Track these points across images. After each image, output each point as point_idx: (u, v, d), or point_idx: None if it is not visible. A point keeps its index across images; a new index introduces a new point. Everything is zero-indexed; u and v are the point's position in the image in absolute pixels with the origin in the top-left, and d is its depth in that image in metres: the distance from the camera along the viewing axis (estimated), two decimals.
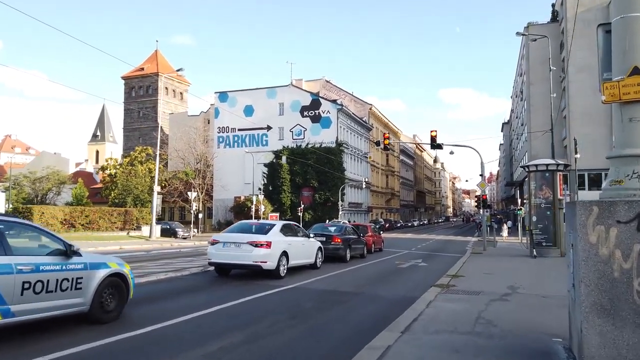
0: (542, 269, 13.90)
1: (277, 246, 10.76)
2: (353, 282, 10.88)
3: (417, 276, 12.53)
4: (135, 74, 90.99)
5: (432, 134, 24.35)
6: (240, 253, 10.47)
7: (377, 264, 15.98)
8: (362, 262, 16.30)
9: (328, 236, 16.19)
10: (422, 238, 40.96)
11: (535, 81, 49.22)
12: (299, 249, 12.06)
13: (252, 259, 10.37)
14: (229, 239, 10.83)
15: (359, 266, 14.91)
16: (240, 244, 10.56)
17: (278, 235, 11.15)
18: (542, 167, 19.75)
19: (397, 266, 15.15)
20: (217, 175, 59.90)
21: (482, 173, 24.46)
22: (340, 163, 55.54)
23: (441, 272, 12.89)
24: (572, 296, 4.50)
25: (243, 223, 12.91)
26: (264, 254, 10.39)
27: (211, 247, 10.92)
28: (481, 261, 16.73)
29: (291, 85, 59.22)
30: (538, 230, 19.54)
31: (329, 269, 13.41)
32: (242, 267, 10.90)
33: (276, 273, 10.71)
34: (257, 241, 10.47)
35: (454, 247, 29.21)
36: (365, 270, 13.74)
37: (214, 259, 10.77)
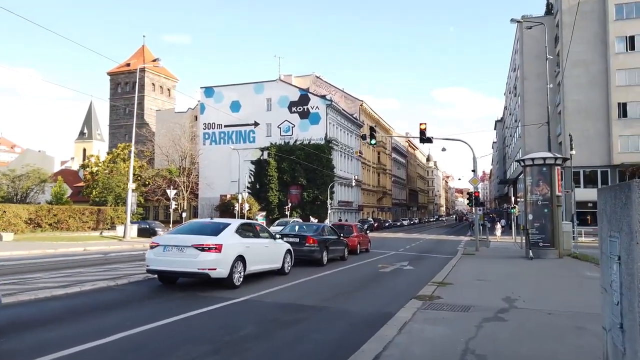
0: (541, 273, 12.30)
1: (230, 250, 9.06)
2: (321, 292, 9.19)
3: (399, 283, 10.86)
4: (121, 70, 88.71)
5: (421, 127, 22.75)
6: (184, 259, 8.71)
7: (357, 268, 14.32)
8: (341, 266, 14.64)
9: (302, 237, 14.43)
10: (412, 238, 39.41)
11: (529, 76, 47.84)
12: (260, 252, 10.42)
13: (197, 265, 8.62)
14: (170, 242, 9.06)
15: (335, 271, 13.24)
16: (183, 248, 8.77)
17: (232, 237, 9.46)
18: (539, 161, 18.17)
19: (378, 270, 13.48)
20: (203, 173, 58.11)
21: (475, 169, 22.86)
22: (330, 160, 53.86)
23: (427, 277, 11.25)
24: (617, 341, 2.80)
25: (193, 222, 11.28)
26: (212, 260, 8.67)
27: (150, 252, 9.15)
28: (473, 264, 15.12)
29: (279, 80, 57.44)
30: (534, 229, 17.98)
31: (300, 274, 11.74)
32: (185, 275, 9.17)
33: (229, 282, 9.02)
34: (204, 244, 8.72)
35: (445, 247, 27.66)
36: (341, 276, 12.06)
37: (152, 266, 8.98)
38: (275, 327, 6.00)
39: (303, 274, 11.78)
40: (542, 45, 48.60)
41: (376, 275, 12.35)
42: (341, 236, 17.65)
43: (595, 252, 24.39)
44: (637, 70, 40.99)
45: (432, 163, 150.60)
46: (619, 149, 41.30)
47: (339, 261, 16.03)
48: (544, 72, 47.63)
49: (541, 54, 48.81)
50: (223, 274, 8.84)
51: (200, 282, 9.44)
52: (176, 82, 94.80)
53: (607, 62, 41.98)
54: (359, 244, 20.79)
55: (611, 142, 41.37)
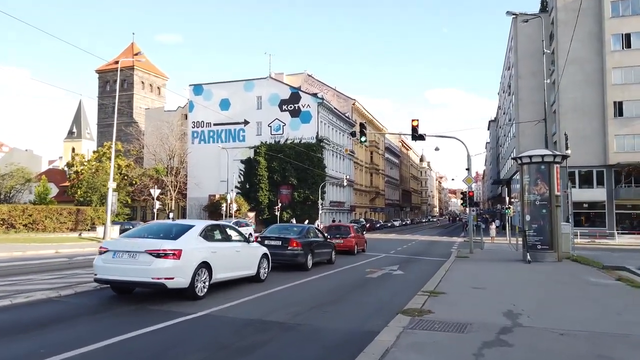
0: (543, 279, 11.24)
1: (191, 255, 7.94)
2: (296, 303, 8.04)
3: (386, 292, 9.73)
4: (109, 68, 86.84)
5: (413, 123, 21.68)
6: (136, 266, 7.56)
7: (342, 273, 13.20)
8: (326, 270, 13.52)
9: (284, 239, 13.41)
10: (404, 239, 38.39)
11: (523, 74, 47.04)
12: (230, 257, 9.34)
13: (150, 274, 7.47)
14: (121, 247, 7.93)
15: (318, 276, 12.13)
16: (135, 254, 7.62)
17: (195, 241, 8.32)
18: (537, 159, 17.15)
19: (365, 276, 12.36)
20: (192, 172, 56.76)
21: (469, 167, 21.82)
22: (321, 160, 52.74)
23: (417, 284, 10.17)
24: None
25: (153, 224, 10.01)
26: (169, 267, 7.54)
27: (98, 258, 7.98)
28: (467, 268, 14.07)
29: (269, 78, 56.24)
30: (532, 231, 16.96)
31: (277, 281, 10.62)
32: (138, 285, 7.98)
33: (190, 292, 7.91)
34: (160, 249, 7.58)
35: (438, 249, 26.64)
36: (322, 283, 10.94)
37: (100, 274, 7.81)
38: (227, 355, 4.85)
39: (281, 281, 10.66)
40: (537, 43, 47.96)
41: (362, 282, 11.23)
42: (328, 238, 16.81)
43: (594, 254, 23.48)
44: (634, 69, 40.27)
45: (425, 164, 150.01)
46: (614, 148, 40.54)
47: (325, 265, 14.91)
48: (538, 70, 47.19)
49: (536, 52, 48.20)
50: (182, 283, 7.74)
51: (159, 293, 8.24)
52: (166, 80, 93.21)
53: (603, 60, 41.23)
54: (356, 245, 20.60)
55: (607, 141, 40.61)
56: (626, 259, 23.41)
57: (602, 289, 9.77)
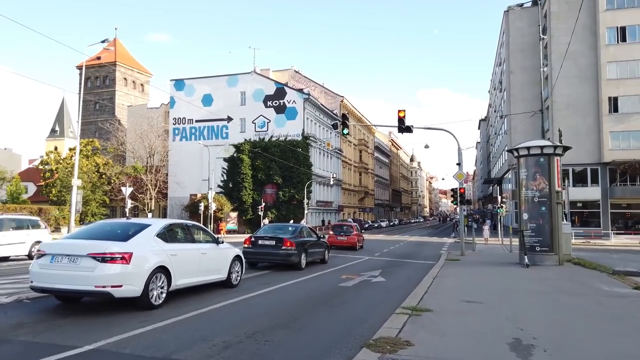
0: (548, 289, 9.45)
1: (144, 259, 6.93)
2: (239, 324, 6.13)
3: (356, 309, 7.81)
4: (91, 63, 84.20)
5: (399, 114, 19.85)
6: (77, 272, 6.49)
7: (314, 280, 11.33)
8: (297, 277, 11.62)
9: (278, 239, 13.29)
10: (392, 240, 36.66)
11: (515, 69, 45.55)
12: (194, 261, 8.27)
13: (94, 281, 6.42)
14: (60, 250, 6.76)
15: (287, 284, 10.25)
16: (76, 258, 6.55)
17: (150, 242, 7.27)
18: (535, 150, 15.43)
19: (339, 285, 10.46)
20: (173, 171, 54.47)
21: (460, 161, 20.08)
22: (307, 158, 50.80)
23: (398, 297, 8.34)
24: None
25: (102, 223, 8.45)
26: (116, 274, 6.53)
27: (34, 263, 6.94)
28: (459, 274, 12.26)
29: (254, 73, 54.14)
30: (530, 231, 15.24)
31: (250, 287, 8.75)
32: (80, 294, 6.90)
33: (145, 302, 6.91)
34: (105, 252, 6.53)
35: (427, 250, 24.86)
36: (283, 296, 9.02)
37: (37, 282, 6.74)
38: None
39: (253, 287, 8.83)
40: (528, 37, 46.69)
41: (332, 293, 9.33)
42: (321, 238, 16.64)
43: (592, 256, 21.84)
44: (629, 63, 38.94)
45: (415, 163, 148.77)
46: (609, 145, 39.16)
47: (295, 272, 13.01)
48: (530, 65, 45.82)
49: (527, 46, 46.86)
50: (134, 292, 6.74)
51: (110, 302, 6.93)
52: (150, 77, 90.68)
53: (597, 55, 39.84)
54: (358, 242, 23.68)
55: (601, 138, 39.22)
56: (627, 261, 21.90)
57: (623, 302, 8.00)
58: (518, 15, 46.29)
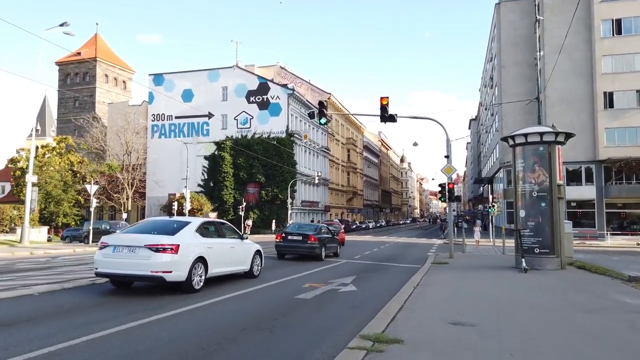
0: (557, 303, 7.45)
1: (188, 250, 8.24)
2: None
3: (299, 337, 5.58)
4: (70, 59, 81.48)
5: (382, 101, 17.92)
6: (135, 260, 7.82)
7: (269, 290, 9.24)
8: (250, 286, 9.51)
9: (304, 235, 16.14)
10: (379, 241, 34.68)
11: (507, 63, 43.85)
12: (225, 253, 9.64)
13: (150, 267, 7.74)
14: (121, 242, 8.17)
15: (232, 296, 8.16)
16: (135, 248, 7.90)
17: (192, 237, 8.63)
18: (534, 138, 13.48)
19: (295, 296, 8.34)
20: (151, 169, 52.08)
21: (448, 153, 18.08)
22: (292, 156, 48.69)
23: (365, 315, 6.30)
24: None
25: (150, 220, 10.49)
26: (167, 262, 7.82)
27: (99, 253, 8.25)
28: (445, 281, 10.24)
29: (236, 67, 51.95)
30: (528, 230, 13.28)
31: (217, 291, 6.59)
32: (137, 278, 8.24)
33: (187, 286, 8.19)
34: (158, 244, 7.86)
35: (414, 252, 22.88)
36: (217, 315, 6.88)
37: (101, 268, 8.14)
38: None
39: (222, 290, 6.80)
40: (520, 30, 44.98)
41: (282, 309, 7.20)
42: (335, 235, 18.84)
43: (590, 258, 19.99)
44: (625, 57, 37.39)
45: (406, 164, 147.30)
46: (604, 142, 37.58)
47: (250, 280, 10.89)
48: (522, 59, 44.05)
49: (519, 40, 45.18)
50: (180, 277, 8.05)
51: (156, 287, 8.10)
52: (133, 73, 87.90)
53: (592, 48, 38.27)
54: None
55: (596, 135, 37.62)
56: (630, 263, 20.18)
57: None
58: (510, 7, 44.63)
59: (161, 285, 8.17)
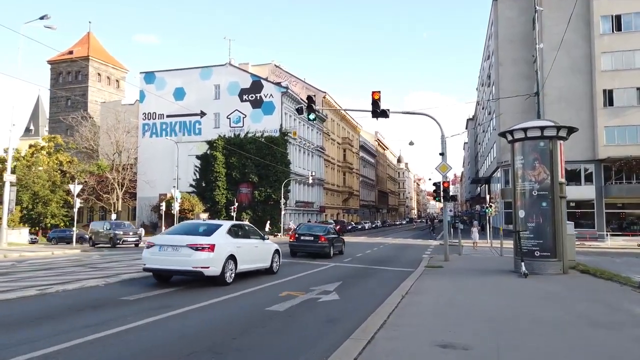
0: (566, 315, 6.51)
1: (222, 249, 9.52)
2: None
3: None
4: (62, 58, 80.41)
5: (374, 95, 16.95)
6: (179, 258, 9.14)
7: (242, 299, 8.29)
8: (223, 295, 8.55)
9: (315, 236, 17.91)
10: (374, 242, 33.78)
11: (504, 61, 42.96)
12: (251, 252, 10.90)
13: (191, 264, 9.08)
14: (166, 242, 9.47)
15: (197, 307, 7.17)
16: (178, 247, 9.21)
17: (224, 237, 9.95)
18: (534, 132, 12.56)
19: (267, 308, 7.36)
20: (142, 169, 50.99)
21: (443, 151, 17.15)
22: (285, 155, 47.69)
23: (340, 334, 5.38)
24: None
25: (186, 223, 11.56)
26: (205, 259, 9.15)
27: (146, 251, 9.58)
28: (438, 289, 9.29)
29: (229, 65, 50.93)
30: (528, 232, 12.35)
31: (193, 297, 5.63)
32: (180, 273, 9.55)
33: (221, 280, 9.47)
34: (197, 244, 9.20)
35: (408, 254, 21.96)
36: (167, 333, 5.93)
37: (149, 264, 9.49)
38: None
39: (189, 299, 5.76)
40: (518, 27, 44.11)
41: (246, 325, 6.22)
42: (340, 235, 21.11)
43: (592, 260, 19.05)
44: (625, 54, 36.54)
45: (403, 165, 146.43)
46: (604, 141, 36.72)
47: (221, 288, 9.93)
48: (520, 57, 43.16)
49: (517, 37, 44.31)
50: (215, 272, 9.31)
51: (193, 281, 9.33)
52: (126, 72, 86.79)
53: (591, 45, 37.42)
54: None
55: (596, 133, 36.76)
56: (633, 265, 19.31)
57: None
58: (507, 4, 43.74)
59: (200, 279, 9.49)
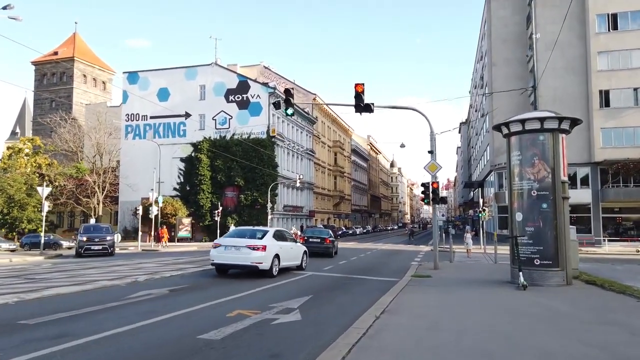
0: (579, 349, 4.98)
1: (271, 249, 12.45)
2: None
3: None
4: (47, 59, 78.41)
5: (357, 88, 15.51)
6: (240, 255, 12.21)
7: (179, 321, 6.68)
8: (144, 319, 6.95)
9: (322, 238, 21.80)
10: (363, 248, 32.27)
11: (498, 61, 41.80)
12: (288, 252, 13.73)
13: (250, 260, 12.09)
14: (229, 243, 12.56)
15: (112, 334, 5.58)
16: (239, 248, 12.28)
17: (271, 240, 12.80)
18: (532, 125, 11.13)
19: (199, 336, 5.77)
20: (124, 172, 49.08)
21: (433, 149, 15.66)
22: (272, 158, 46.07)
23: None
24: None
25: (240, 229, 14.98)
26: (259, 256, 12.10)
27: (213, 250, 12.67)
28: (421, 306, 7.75)
29: (215, 65, 49.31)
30: (526, 237, 10.86)
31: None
32: (241, 267, 12.51)
33: (270, 273, 12.36)
34: (254, 245, 12.20)
35: (397, 261, 20.45)
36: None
37: (216, 260, 12.60)
38: None
39: None
40: (511, 27, 42.93)
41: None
42: None
43: (593, 268, 17.63)
44: (621, 53, 35.45)
45: (396, 169, 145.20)
46: (600, 143, 35.54)
47: (146, 304, 8.38)
48: (513, 57, 41.94)
49: (510, 36, 43.15)
50: (266, 266, 12.26)
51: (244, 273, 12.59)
52: (113, 74, 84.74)
53: (587, 44, 36.31)
54: None
55: (592, 135, 35.58)
56: (636, 274, 17.92)
57: None
58: (500, 3, 42.66)
59: (254, 271, 12.24)
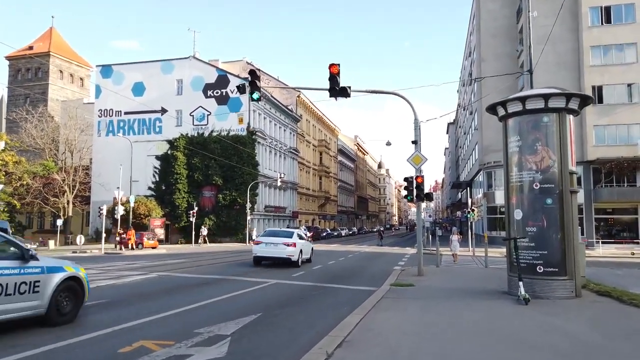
0: None
1: (298, 246, 16.80)
2: None
3: None
4: (22, 54, 75.38)
5: (332, 69, 13.59)
6: (278, 250, 16.43)
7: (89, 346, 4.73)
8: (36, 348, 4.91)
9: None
10: (345, 250, 30.35)
11: (487, 57, 40.20)
12: (305, 248, 18.15)
13: (285, 253, 16.32)
14: (268, 240, 16.89)
15: None
16: (277, 244, 16.51)
17: (297, 238, 17.19)
18: (535, 103, 9.27)
19: None
20: (97, 170, 46.59)
21: (417, 139, 13.75)
22: (252, 156, 43.96)
23: None
24: None
25: (273, 230, 20.35)
26: (292, 251, 16.42)
27: (255, 246, 17.22)
28: (395, 332, 5.80)
29: (192, 58, 47.08)
30: (527, 239, 8.97)
31: None
32: (278, 259, 16.50)
33: (297, 263, 16.51)
34: (288, 242, 16.56)
35: (378, 265, 18.57)
36: None
37: (259, 254, 16.89)
38: None
39: None
40: (500, 20, 41.27)
41: None
42: None
43: (591, 272, 15.63)
44: (615, 47, 34.06)
45: (384, 170, 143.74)
46: (593, 141, 34.10)
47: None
48: (502, 52, 40.38)
49: (500, 30, 41.70)
50: (295, 259, 16.48)
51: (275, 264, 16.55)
52: (90, 70, 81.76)
53: (579, 38, 34.88)
54: None
55: (584, 133, 34.09)
56: (638, 278, 16.27)
57: None
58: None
59: (288, 263, 16.42)
